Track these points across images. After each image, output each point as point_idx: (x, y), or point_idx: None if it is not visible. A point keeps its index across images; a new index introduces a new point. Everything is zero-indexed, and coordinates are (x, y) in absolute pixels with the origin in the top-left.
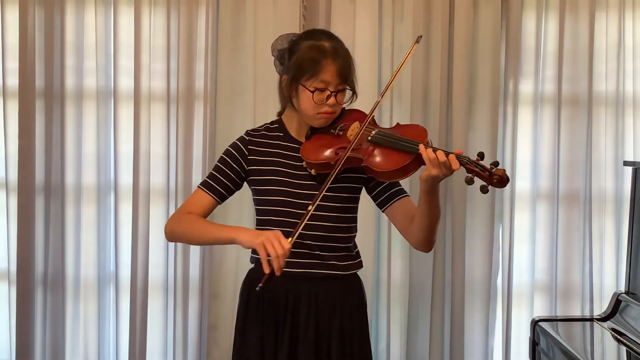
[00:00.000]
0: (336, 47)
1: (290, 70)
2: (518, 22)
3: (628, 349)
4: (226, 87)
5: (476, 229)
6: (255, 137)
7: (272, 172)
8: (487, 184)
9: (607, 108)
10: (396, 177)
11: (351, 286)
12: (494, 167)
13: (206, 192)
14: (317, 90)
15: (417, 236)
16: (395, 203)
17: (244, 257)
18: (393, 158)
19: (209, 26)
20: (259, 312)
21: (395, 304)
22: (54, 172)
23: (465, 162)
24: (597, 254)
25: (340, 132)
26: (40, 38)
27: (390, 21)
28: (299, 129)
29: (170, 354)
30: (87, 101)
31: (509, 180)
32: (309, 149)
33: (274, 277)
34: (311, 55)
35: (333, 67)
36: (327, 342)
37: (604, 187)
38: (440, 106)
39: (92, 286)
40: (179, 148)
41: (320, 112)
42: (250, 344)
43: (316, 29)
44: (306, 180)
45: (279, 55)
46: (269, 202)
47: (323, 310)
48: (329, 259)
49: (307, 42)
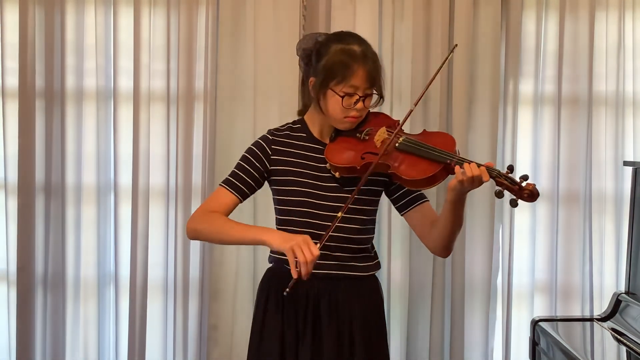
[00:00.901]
0: (366, 52)
1: (320, 73)
2: (518, 22)
3: (628, 349)
4: (226, 87)
5: (476, 229)
6: (279, 137)
7: (295, 173)
8: (517, 198)
9: (607, 108)
10: (423, 185)
11: (370, 287)
12: (523, 181)
13: (230, 190)
14: (346, 95)
15: (437, 242)
16: (416, 208)
17: (244, 257)
18: (421, 167)
19: (209, 26)
20: (279, 312)
21: (395, 304)
22: (54, 172)
23: (495, 175)
24: (597, 254)
25: (367, 137)
26: (40, 38)
27: (390, 21)
28: (322, 130)
29: (170, 354)
30: (87, 101)
31: (539, 194)
32: (334, 151)
33: (301, 282)
34: (341, 59)
35: (363, 71)
36: (348, 342)
37: (604, 187)
38: (440, 106)
39: (92, 286)
40: (178, 148)
41: (347, 116)
42: (270, 344)
43: (344, 31)
44: (329, 182)
45: (304, 55)
46: (290, 203)
47: (343, 310)
48: (348, 261)
49: (336, 45)
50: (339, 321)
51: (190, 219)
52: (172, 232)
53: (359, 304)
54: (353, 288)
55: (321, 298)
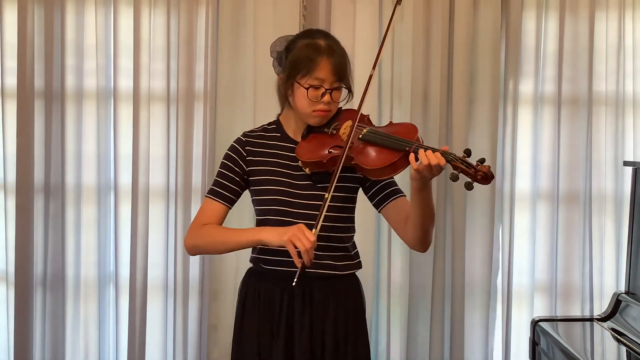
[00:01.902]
0: (332, 45)
1: (286, 68)
2: (518, 22)
3: (628, 349)
4: (226, 87)
5: (476, 229)
6: (252, 138)
7: (270, 172)
8: (472, 181)
9: (607, 108)
10: (385, 174)
11: (348, 286)
12: (479, 164)
13: (216, 200)
14: (311, 87)
15: (412, 235)
16: (391, 203)
17: (244, 257)
18: (382, 156)
19: (209, 26)
20: (255, 311)
21: (395, 304)
22: (54, 172)
23: (451, 159)
24: (597, 254)
25: (334, 131)
26: (40, 38)
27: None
28: (296, 129)
29: (170, 354)
30: (87, 101)
31: (494, 177)
32: (304, 148)
33: (305, 270)
34: (306, 53)
35: (328, 64)
36: (321, 341)
37: (604, 187)
38: (440, 106)
39: (92, 286)
40: (178, 148)
41: (315, 110)
42: (248, 342)
43: (313, 28)
44: (303, 180)
45: (277, 56)
46: (267, 202)
47: (318, 309)
48: (324, 259)
49: (303, 40)
50: (312, 320)
51: (186, 236)
52: (172, 232)
53: (335, 303)
54: (329, 287)
55: (296, 296)
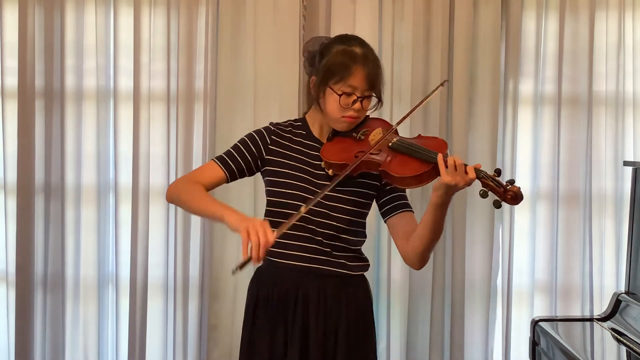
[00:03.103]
0: (367, 54)
1: (320, 72)
2: (518, 22)
3: (628, 349)
4: (226, 87)
5: (476, 229)
6: (280, 130)
7: (291, 167)
8: (501, 200)
9: (607, 108)
10: (411, 184)
11: (358, 286)
12: (509, 185)
13: (220, 166)
14: (344, 94)
15: (413, 250)
16: (399, 214)
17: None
18: (411, 165)
19: (209, 26)
20: (269, 308)
21: (395, 304)
22: (54, 172)
23: (482, 175)
24: (597, 254)
25: (362, 137)
26: (40, 38)
27: (390, 21)
28: (321, 130)
29: (170, 354)
30: (87, 101)
31: (523, 197)
32: (329, 149)
33: (249, 264)
34: (342, 60)
35: (362, 73)
36: (334, 339)
37: (604, 187)
38: (440, 106)
39: (91, 287)
40: (178, 148)
41: (345, 116)
42: (260, 340)
43: (349, 34)
44: (323, 180)
45: (309, 56)
46: (284, 195)
47: (331, 307)
48: (339, 258)
49: (338, 46)
50: (326, 318)
51: (174, 183)
52: (172, 232)
53: (346, 301)
54: (343, 285)
55: (311, 294)
